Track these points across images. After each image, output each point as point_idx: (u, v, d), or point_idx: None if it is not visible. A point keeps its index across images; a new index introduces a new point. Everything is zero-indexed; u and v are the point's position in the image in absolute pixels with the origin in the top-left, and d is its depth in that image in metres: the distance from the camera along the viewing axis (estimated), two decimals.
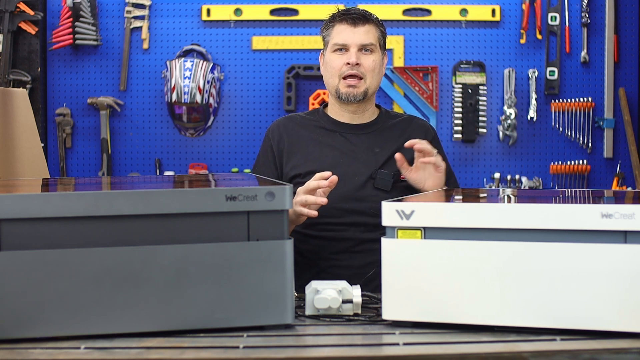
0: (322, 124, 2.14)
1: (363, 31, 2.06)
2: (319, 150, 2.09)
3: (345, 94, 2.06)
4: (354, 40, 2.05)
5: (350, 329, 1.40)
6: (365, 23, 2.07)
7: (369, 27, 2.08)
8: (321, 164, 2.05)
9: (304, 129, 2.14)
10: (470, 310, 1.35)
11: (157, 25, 3.77)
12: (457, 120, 3.73)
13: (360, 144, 2.10)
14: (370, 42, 2.06)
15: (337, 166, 2.04)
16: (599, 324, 1.29)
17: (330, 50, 2.09)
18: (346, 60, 2.05)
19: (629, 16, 3.81)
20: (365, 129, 2.13)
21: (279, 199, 1.35)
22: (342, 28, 2.07)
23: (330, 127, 2.13)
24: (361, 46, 2.06)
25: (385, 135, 2.12)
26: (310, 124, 2.15)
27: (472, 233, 1.35)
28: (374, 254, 2.04)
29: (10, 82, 3.57)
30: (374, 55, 2.07)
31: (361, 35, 2.06)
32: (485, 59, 3.77)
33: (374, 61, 2.07)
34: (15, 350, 1.24)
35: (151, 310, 1.32)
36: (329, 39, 2.11)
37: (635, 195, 1.63)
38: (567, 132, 3.78)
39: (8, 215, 1.28)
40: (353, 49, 2.05)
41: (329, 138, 2.11)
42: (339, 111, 2.13)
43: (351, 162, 2.06)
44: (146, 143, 3.78)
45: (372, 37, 2.08)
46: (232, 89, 3.77)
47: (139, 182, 1.77)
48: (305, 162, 2.08)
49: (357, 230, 2.02)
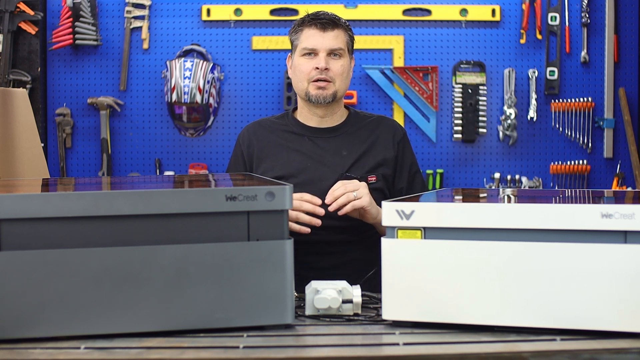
0: (290, 128, 2.15)
1: (332, 36, 2.07)
2: (286, 155, 2.10)
3: (315, 96, 2.07)
4: (323, 45, 2.06)
5: (350, 329, 1.40)
6: (335, 28, 2.08)
7: (338, 32, 2.09)
8: (289, 169, 2.07)
9: (273, 133, 2.15)
10: (470, 310, 1.35)
11: (157, 25, 3.77)
12: (457, 120, 3.73)
13: (328, 147, 2.11)
14: (339, 46, 2.07)
15: (305, 171, 2.06)
16: (599, 324, 1.29)
17: (299, 54, 2.10)
18: (315, 64, 2.06)
19: (629, 16, 3.81)
20: (333, 132, 2.14)
21: (279, 199, 1.35)
22: (311, 33, 2.08)
23: (298, 131, 2.14)
24: (330, 51, 2.07)
25: (353, 137, 2.13)
26: (279, 129, 2.16)
27: (472, 233, 1.35)
28: (343, 256, 2.06)
29: (10, 82, 3.57)
30: (342, 59, 2.08)
31: (330, 40, 2.07)
32: (485, 59, 3.78)
33: (342, 65, 2.08)
34: (15, 350, 1.24)
35: (151, 310, 1.32)
36: (298, 42, 2.11)
37: (635, 195, 1.63)
38: (567, 132, 3.78)
39: (8, 215, 1.28)
40: (322, 53, 2.06)
41: (297, 143, 2.12)
42: (308, 115, 2.14)
43: (318, 166, 2.08)
44: (146, 143, 3.78)
45: (341, 41, 2.09)
46: (232, 89, 3.77)
47: (139, 182, 1.78)
48: (273, 167, 2.09)
49: (326, 233, 2.00)
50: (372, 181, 2.06)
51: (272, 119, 2.22)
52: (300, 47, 2.10)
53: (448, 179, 3.79)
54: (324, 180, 2.04)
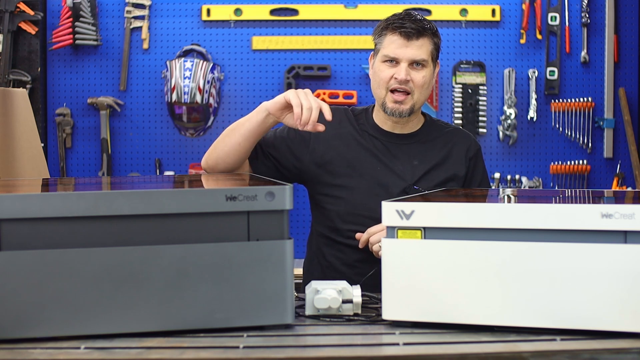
0: (366, 127, 2.07)
1: (416, 46, 1.96)
2: (358, 150, 2.03)
3: (391, 109, 1.98)
4: (406, 55, 1.95)
5: (350, 329, 1.40)
6: (420, 37, 1.96)
7: (423, 41, 1.97)
8: (358, 166, 2.00)
9: (352, 125, 2.07)
10: (470, 310, 1.35)
11: (157, 25, 3.77)
12: (457, 120, 3.74)
13: (400, 154, 2.03)
14: (422, 57, 1.97)
15: (373, 173, 2.00)
16: (599, 324, 1.29)
17: (380, 60, 1.99)
18: (395, 74, 1.96)
19: (629, 16, 3.81)
20: (407, 140, 2.06)
21: (279, 199, 1.35)
22: (394, 39, 1.97)
23: (372, 132, 2.06)
24: (412, 61, 1.96)
25: (426, 147, 2.05)
26: (359, 122, 2.08)
27: (472, 233, 1.35)
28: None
29: (10, 82, 3.57)
30: (424, 70, 1.98)
31: (413, 51, 1.96)
32: (485, 59, 3.78)
33: (424, 77, 1.97)
34: (15, 350, 1.24)
35: (151, 310, 1.32)
36: (380, 47, 2.00)
37: (635, 195, 1.63)
38: (567, 132, 3.78)
39: (8, 215, 1.28)
40: (404, 63, 1.95)
41: (370, 143, 2.04)
42: (383, 119, 2.06)
43: (387, 172, 2.01)
44: (146, 143, 3.78)
45: (425, 52, 1.97)
46: (232, 89, 3.77)
47: (139, 182, 1.78)
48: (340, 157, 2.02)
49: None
50: None
51: (356, 112, 2.12)
52: (382, 53, 1.99)
53: None
54: (390, 187, 1.99)
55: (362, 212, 1.99)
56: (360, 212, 1.99)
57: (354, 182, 2.01)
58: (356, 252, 1.99)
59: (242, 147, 1.93)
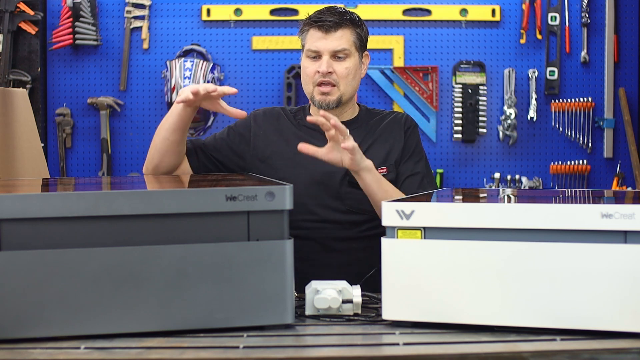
0: (303, 122, 2.11)
1: (335, 37, 2.00)
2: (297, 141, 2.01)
3: (319, 101, 2.03)
4: (326, 47, 1.99)
5: (350, 329, 1.40)
6: (338, 28, 2.00)
7: (343, 32, 2.00)
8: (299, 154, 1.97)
9: (291, 121, 2.13)
10: (470, 310, 1.35)
11: (157, 25, 3.77)
12: (457, 120, 3.74)
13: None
14: (342, 47, 2.00)
15: (314, 160, 1.98)
16: (599, 324, 1.29)
17: (305, 56, 2.05)
18: (318, 67, 2.00)
19: (629, 16, 3.81)
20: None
21: (279, 199, 1.35)
22: (313, 34, 2.01)
23: (309, 125, 2.09)
24: (333, 53, 2.00)
25: (361, 131, 2.09)
26: (296, 119, 2.13)
27: (472, 233, 1.35)
28: (352, 253, 2.04)
29: (10, 82, 3.57)
30: (347, 60, 2.01)
31: (333, 42, 1.99)
32: (485, 59, 3.78)
33: (347, 68, 2.01)
34: (15, 350, 1.24)
35: (151, 310, 1.32)
36: (304, 43, 2.06)
37: (635, 195, 1.63)
38: (567, 132, 3.78)
39: (8, 215, 1.28)
40: (325, 56, 1.99)
41: (308, 134, 2.08)
42: (317, 113, 2.07)
43: None
44: (146, 143, 3.76)
45: (346, 42, 2.00)
46: None
47: (139, 182, 1.78)
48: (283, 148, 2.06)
49: (333, 228, 2.00)
50: (382, 173, 2.00)
51: (292, 110, 2.18)
52: (306, 49, 2.05)
53: (448, 179, 3.79)
54: (333, 173, 2.01)
55: (307, 200, 2.01)
56: (306, 201, 2.00)
57: (296, 172, 2.02)
58: (307, 243, 2.00)
59: (171, 142, 1.96)
